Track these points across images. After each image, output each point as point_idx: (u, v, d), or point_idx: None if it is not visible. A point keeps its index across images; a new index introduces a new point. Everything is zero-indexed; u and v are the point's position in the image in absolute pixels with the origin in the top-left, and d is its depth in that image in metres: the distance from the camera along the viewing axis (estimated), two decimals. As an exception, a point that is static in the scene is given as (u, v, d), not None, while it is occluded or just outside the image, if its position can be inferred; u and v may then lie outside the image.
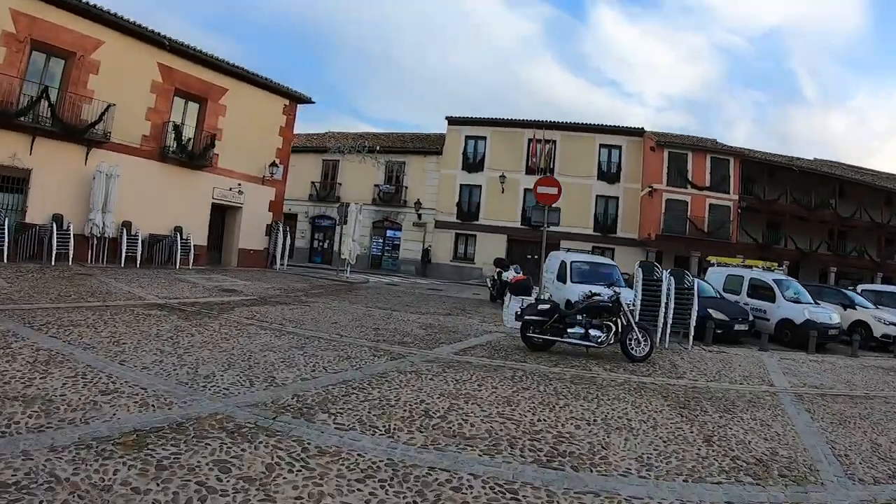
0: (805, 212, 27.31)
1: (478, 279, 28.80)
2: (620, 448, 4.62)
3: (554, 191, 11.75)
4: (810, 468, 4.60)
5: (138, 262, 17.16)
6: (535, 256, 29.50)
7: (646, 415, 5.74)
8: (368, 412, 4.87)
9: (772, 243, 26.99)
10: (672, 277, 11.44)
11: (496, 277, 16.90)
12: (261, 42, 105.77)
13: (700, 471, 4.31)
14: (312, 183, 34.26)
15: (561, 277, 13.86)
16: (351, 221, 21.46)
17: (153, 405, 4.52)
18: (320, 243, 34.88)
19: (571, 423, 5.16)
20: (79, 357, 5.75)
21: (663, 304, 11.12)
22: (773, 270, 16.26)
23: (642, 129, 28.59)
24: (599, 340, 8.86)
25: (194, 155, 19.46)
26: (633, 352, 9.00)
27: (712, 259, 17.36)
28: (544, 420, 5.18)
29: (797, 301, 14.39)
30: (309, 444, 4.00)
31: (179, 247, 18.62)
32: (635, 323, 9.25)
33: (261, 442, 3.94)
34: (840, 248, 28.11)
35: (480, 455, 4.13)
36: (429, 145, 32.07)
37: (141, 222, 17.68)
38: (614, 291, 9.31)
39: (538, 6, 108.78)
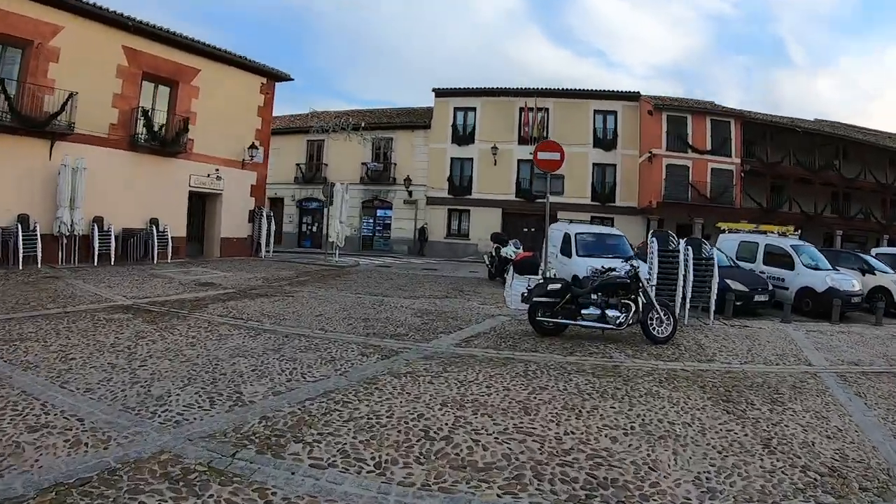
0: (809, 174, 26.37)
1: (473, 256, 27.87)
2: (671, 466, 3.71)
3: (556, 156, 10.69)
4: (889, 474, 3.79)
5: (112, 259, 16.10)
6: (533, 230, 28.65)
7: (688, 415, 4.83)
8: (353, 437, 3.92)
9: (776, 207, 26.07)
10: (690, 248, 10.50)
11: (494, 254, 15.95)
12: (240, 28, 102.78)
13: (771, 491, 3.44)
14: (297, 165, 33.03)
15: (565, 251, 12.89)
16: (337, 202, 20.37)
17: (87, 444, 3.59)
18: (309, 227, 33.77)
19: (606, 435, 4.23)
20: (15, 381, 4.78)
21: (681, 277, 10.20)
22: (788, 236, 15.37)
23: (638, 93, 27.43)
24: (619, 322, 7.95)
25: (167, 141, 18.23)
26: (655, 332, 8.12)
27: (723, 225, 16.43)
28: (572, 432, 4.25)
29: (816, 268, 13.53)
30: (275, 493, 3.05)
31: (156, 240, 17.54)
32: (655, 299, 8.33)
33: (211, 495, 2.98)
34: (845, 210, 27.28)
35: (500, 496, 3.19)
36: (416, 119, 30.78)
37: (113, 217, 16.58)
38: (631, 266, 8.35)
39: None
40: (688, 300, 10.25)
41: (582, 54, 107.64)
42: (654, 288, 9.62)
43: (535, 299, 7.98)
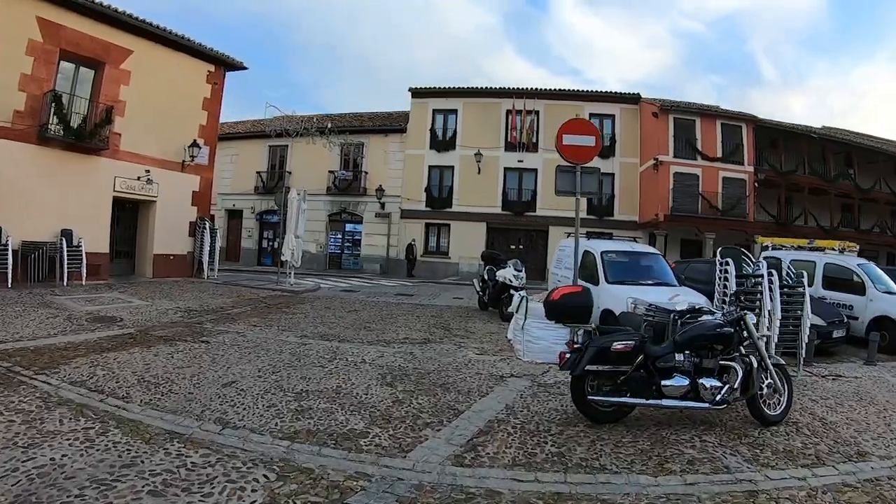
0: (825, 184, 23.92)
1: (455, 277, 24.58)
2: None
3: (589, 141, 7.43)
4: None
5: (9, 280, 12.43)
6: (521, 247, 25.55)
7: None
8: None
9: (791, 221, 23.44)
10: (773, 271, 7.43)
11: (486, 277, 12.65)
12: (217, 40, 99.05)
13: None
14: (258, 174, 29.43)
15: (588, 276, 9.64)
16: (292, 212, 16.88)
17: None
18: (270, 242, 29.97)
19: None
20: None
21: (767, 313, 7.08)
22: (844, 252, 12.49)
23: (638, 95, 24.72)
24: (719, 398, 4.73)
25: (83, 133, 14.64)
26: (768, 409, 5.02)
27: (764, 240, 13.46)
28: None
29: (888, 292, 10.67)
30: None
31: (66, 256, 13.88)
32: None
33: None
34: (861, 223, 24.79)
35: None
36: (391, 123, 27.52)
37: (13, 226, 13.04)
38: (737, 308, 5.17)
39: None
40: (773, 344, 7.13)
41: (559, 73, 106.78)
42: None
43: (588, 367, 4.67)
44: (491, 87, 25.83)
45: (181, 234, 18.03)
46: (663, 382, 4.77)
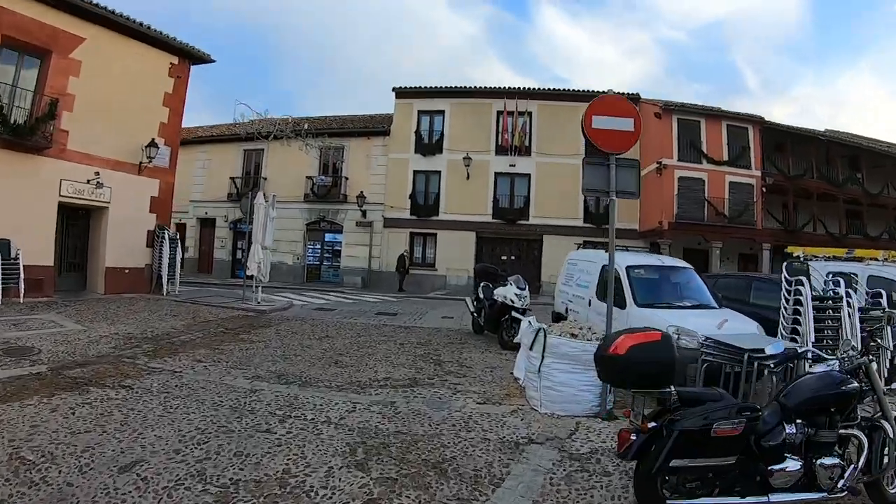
0: (833, 189, 22.65)
1: (442, 291, 22.82)
2: None
3: (626, 124, 5.72)
4: None
5: None
6: (513, 257, 23.87)
7: None
8: None
9: (801, 228, 22.11)
10: (851, 291, 5.84)
11: (482, 296, 10.93)
12: (207, 47, 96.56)
13: None
14: (232, 179, 27.49)
15: (615, 298, 7.93)
16: (258, 220, 15.03)
17: None
18: (244, 253, 27.93)
19: None
20: None
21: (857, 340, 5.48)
22: (885, 263, 11.00)
23: (637, 95, 23.23)
24: (842, 484, 3.12)
25: (22, 129, 12.78)
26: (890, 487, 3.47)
27: (795, 250, 11.92)
28: None
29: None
30: None
31: (0, 270, 12.05)
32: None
33: None
34: (869, 229, 23.54)
35: None
36: (373, 125, 25.79)
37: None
38: (851, 349, 3.55)
39: (479, 5, 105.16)
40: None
41: (545, 81, 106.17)
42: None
43: (672, 464, 2.96)
44: (480, 87, 24.23)
45: (137, 244, 16.09)
46: (772, 468, 3.09)
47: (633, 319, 6.92)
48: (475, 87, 24.32)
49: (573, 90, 23.61)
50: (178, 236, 17.35)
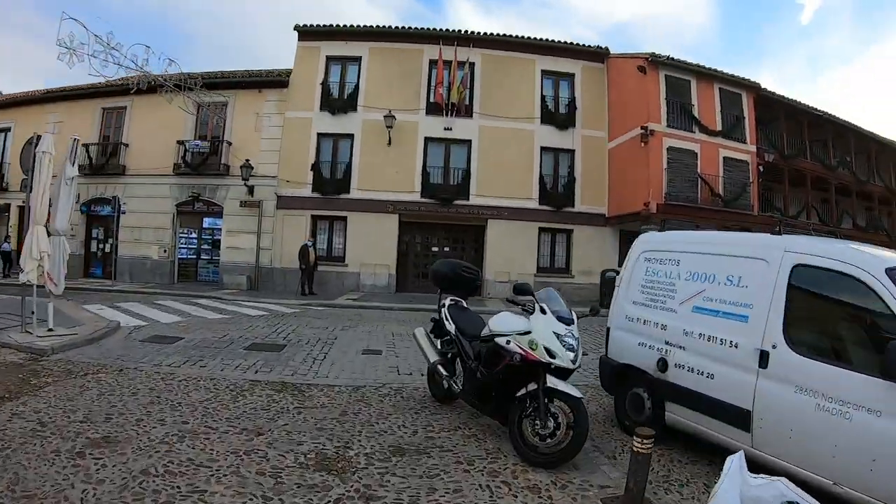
0: (827, 172, 19.41)
1: (355, 294, 17.01)
2: None
3: None
4: None
5: None
6: (447, 248, 18.45)
7: None
8: None
9: (796, 215, 18.36)
10: None
11: (450, 329, 5.32)
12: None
13: None
14: (86, 147, 20.46)
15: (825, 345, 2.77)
16: (40, 181, 8.43)
17: None
18: (100, 245, 20.98)
19: None
20: None
21: None
22: None
23: (605, 49, 18.65)
24: None
25: None
26: None
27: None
28: None
29: None
30: None
31: None
32: None
33: None
34: (858, 219, 20.73)
35: None
36: (267, 76, 19.70)
37: None
38: None
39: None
40: None
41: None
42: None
43: None
44: (409, 28, 18.68)
45: None
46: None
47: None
48: (402, 27, 18.75)
49: (526, 37, 18.55)
50: None
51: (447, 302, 5.53)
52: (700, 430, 4.24)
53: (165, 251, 19.55)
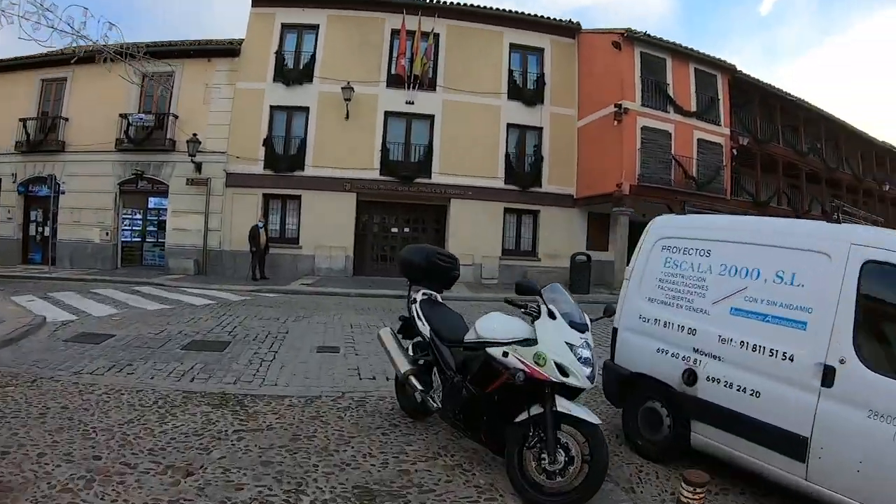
0: (798, 158, 19.24)
1: (310, 278, 15.96)
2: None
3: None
4: None
5: None
6: (408, 229, 17.49)
7: None
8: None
9: (768, 200, 18.01)
10: None
11: (424, 332, 4.30)
12: None
13: None
14: (22, 122, 18.90)
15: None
16: None
17: None
18: (39, 227, 19.37)
19: None
20: None
21: None
22: None
23: (577, 24, 17.91)
24: None
25: None
26: None
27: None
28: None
29: None
30: None
31: None
32: None
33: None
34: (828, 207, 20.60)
35: None
36: (217, 45, 18.41)
37: None
38: None
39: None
40: None
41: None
42: None
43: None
44: (371, -5, 17.69)
45: None
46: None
47: None
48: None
49: (494, 9, 17.62)
50: None
51: (418, 296, 4.52)
52: (737, 456, 3.51)
53: (108, 234, 18.09)
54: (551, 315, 3.27)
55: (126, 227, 18.55)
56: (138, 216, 18.61)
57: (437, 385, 4.19)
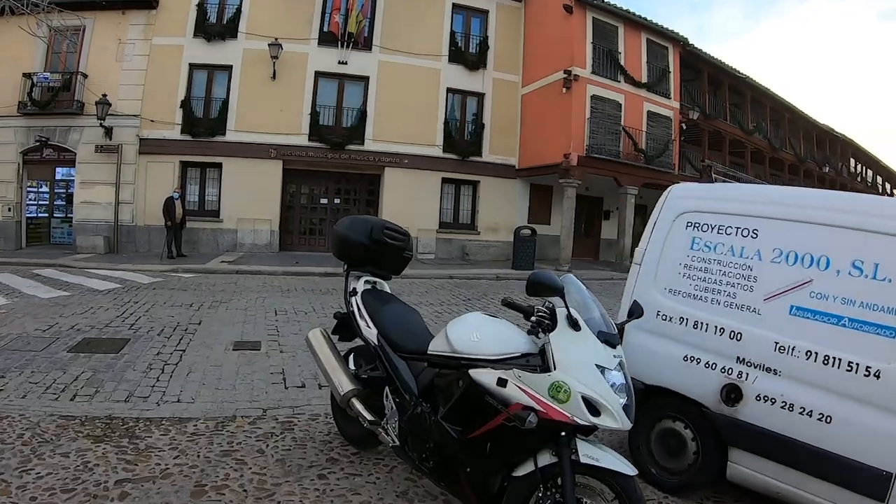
0: (744, 136, 19.24)
1: (232, 254, 14.56)
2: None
3: None
4: None
5: None
6: (338, 200, 16.24)
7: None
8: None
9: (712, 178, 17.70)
10: None
11: (370, 338, 3.02)
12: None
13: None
14: None
15: None
16: None
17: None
18: None
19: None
20: None
21: None
22: None
23: (527, -17, 17.18)
24: None
25: None
26: None
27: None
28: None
29: None
30: None
31: None
32: None
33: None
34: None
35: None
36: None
37: None
38: None
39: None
40: None
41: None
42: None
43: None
44: (301, -52, 16.38)
45: None
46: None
47: None
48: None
49: (436, -32, 16.69)
50: None
51: (360, 286, 3.30)
52: (792, 493, 2.75)
53: (10, 210, 16.17)
54: (573, 324, 2.11)
55: (31, 202, 16.70)
56: (45, 189, 16.81)
57: (393, 411, 2.80)
